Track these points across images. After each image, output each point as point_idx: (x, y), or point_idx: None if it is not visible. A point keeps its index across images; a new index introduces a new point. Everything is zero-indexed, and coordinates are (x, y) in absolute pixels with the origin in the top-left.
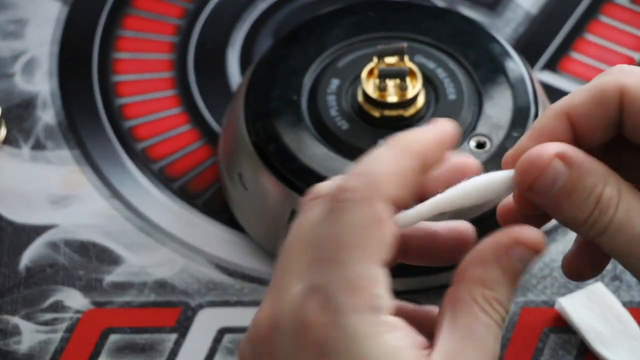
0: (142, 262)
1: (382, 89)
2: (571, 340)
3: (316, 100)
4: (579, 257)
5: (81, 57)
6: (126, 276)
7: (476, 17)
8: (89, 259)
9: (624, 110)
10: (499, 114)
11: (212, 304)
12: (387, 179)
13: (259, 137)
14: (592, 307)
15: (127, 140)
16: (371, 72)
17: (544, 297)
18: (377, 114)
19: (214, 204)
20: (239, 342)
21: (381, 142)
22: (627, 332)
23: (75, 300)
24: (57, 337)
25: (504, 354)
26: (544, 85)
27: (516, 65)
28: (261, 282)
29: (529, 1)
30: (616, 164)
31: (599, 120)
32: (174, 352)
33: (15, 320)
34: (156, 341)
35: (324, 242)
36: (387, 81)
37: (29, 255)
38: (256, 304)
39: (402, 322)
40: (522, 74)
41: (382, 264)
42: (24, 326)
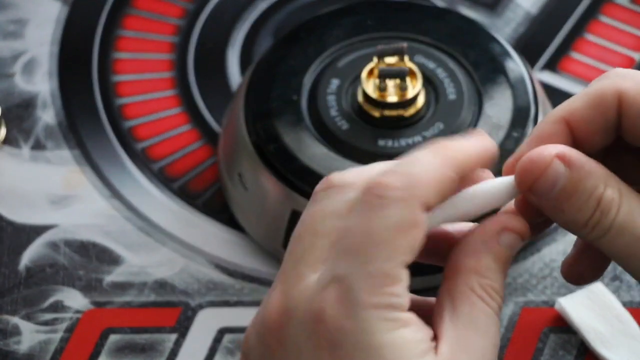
0: (142, 262)
1: (382, 89)
2: (571, 340)
3: (316, 100)
4: (578, 261)
5: (81, 57)
6: (126, 276)
7: (476, 17)
8: (89, 259)
9: (622, 114)
10: (499, 114)
11: (212, 304)
12: (428, 184)
13: (259, 137)
14: (592, 307)
15: (127, 140)
16: (371, 72)
17: (544, 297)
18: (377, 114)
19: (214, 204)
20: (239, 342)
21: (422, 144)
22: (627, 332)
23: (75, 300)
24: (57, 337)
25: (504, 354)
26: (544, 85)
27: (516, 65)
28: (261, 282)
29: (529, 1)
30: (616, 168)
31: (598, 124)
32: (174, 352)
33: (15, 320)
34: (156, 341)
35: (353, 234)
36: (387, 81)
37: (29, 255)
38: (256, 304)
39: (414, 316)
40: (522, 74)
41: (405, 265)
42: (24, 326)
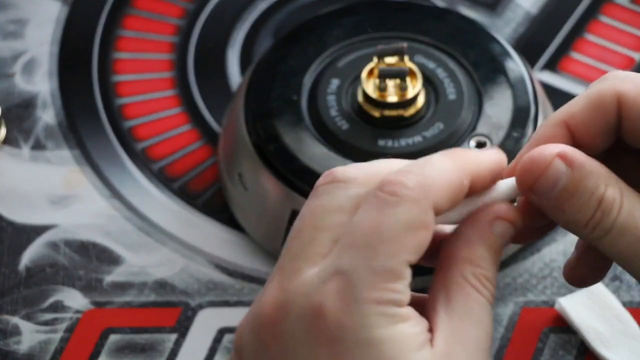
0: (142, 262)
1: (382, 89)
2: (571, 340)
3: (316, 100)
4: (580, 263)
5: (81, 57)
6: (126, 276)
7: (476, 17)
8: (89, 259)
9: (622, 116)
10: (499, 114)
11: (212, 304)
12: (441, 187)
13: (259, 137)
14: (592, 307)
15: (127, 140)
16: (371, 72)
17: (544, 297)
18: (377, 114)
19: (214, 204)
20: None
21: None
22: (627, 332)
23: (75, 300)
24: (57, 337)
25: (504, 354)
26: (544, 85)
27: (516, 65)
28: (261, 282)
29: (529, 1)
30: (616, 169)
31: (598, 127)
32: (174, 352)
33: (15, 320)
34: (156, 341)
35: (361, 229)
36: (387, 81)
37: (29, 255)
38: None
39: (413, 311)
40: (522, 74)
41: (409, 264)
42: (24, 326)
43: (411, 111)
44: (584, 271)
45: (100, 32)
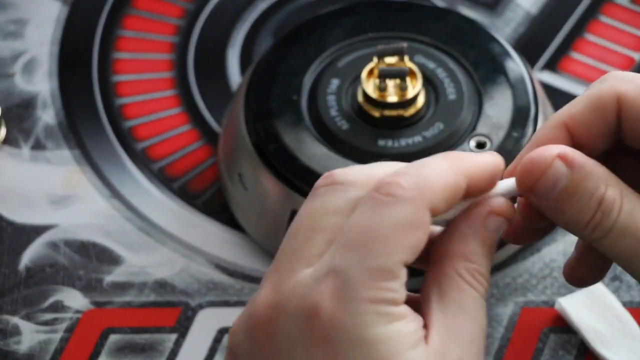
0: (142, 262)
1: (382, 89)
2: (571, 340)
3: (316, 100)
4: (580, 263)
5: (81, 57)
6: (126, 276)
7: (476, 17)
8: (89, 259)
9: (622, 117)
10: (499, 114)
11: (212, 304)
12: (436, 188)
13: (259, 137)
14: (592, 307)
15: (127, 140)
16: (371, 72)
17: (544, 297)
18: (377, 114)
19: (214, 204)
20: None
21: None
22: (627, 332)
23: (75, 300)
24: (57, 337)
25: (504, 354)
26: (544, 85)
27: (516, 65)
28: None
29: (529, 1)
30: (616, 171)
31: (598, 129)
32: (174, 352)
33: (15, 320)
34: (156, 341)
35: (355, 228)
36: (387, 81)
37: (29, 255)
38: None
39: (408, 309)
40: (522, 74)
41: (404, 264)
42: (24, 326)
43: (411, 111)
44: (583, 271)
45: (100, 32)
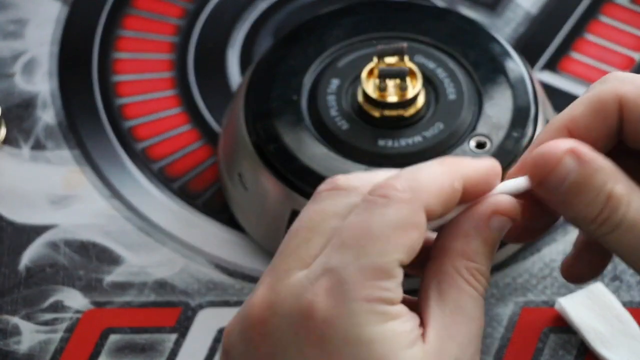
0: (142, 262)
1: (382, 89)
2: (571, 340)
3: (316, 100)
4: (578, 260)
5: (81, 57)
6: (126, 276)
7: (476, 17)
8: (89, 259)
9: (623, 118)
10: (499, 114)
11: (212, 304)
12: (431, 190)
13: (259, 137)
14: (592, 307)
15: (127, 140)
16: (371, 72)
17: (544, 297)
18: (377, 114)
19: (214, 204)
20: None
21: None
22: (627, 332)
23: (75, 300)
24: (57, 337)
25: (504, 354)
26: (544, 85)
27: (516, 65)
28: None
29: (529, 1)
30: None
31: (600, 131)
32: (174, 352)
33: (15, 320)
34: (156, 341)
35: (350, 229)
36: (387, 81)
37: (29, 255)
38: None
39: (404, 308)
40: (522, 74)
41: (400, 264)
42: (24, 326)
43: (411, 111)
44: (581, 268)
45: (100, 32)
